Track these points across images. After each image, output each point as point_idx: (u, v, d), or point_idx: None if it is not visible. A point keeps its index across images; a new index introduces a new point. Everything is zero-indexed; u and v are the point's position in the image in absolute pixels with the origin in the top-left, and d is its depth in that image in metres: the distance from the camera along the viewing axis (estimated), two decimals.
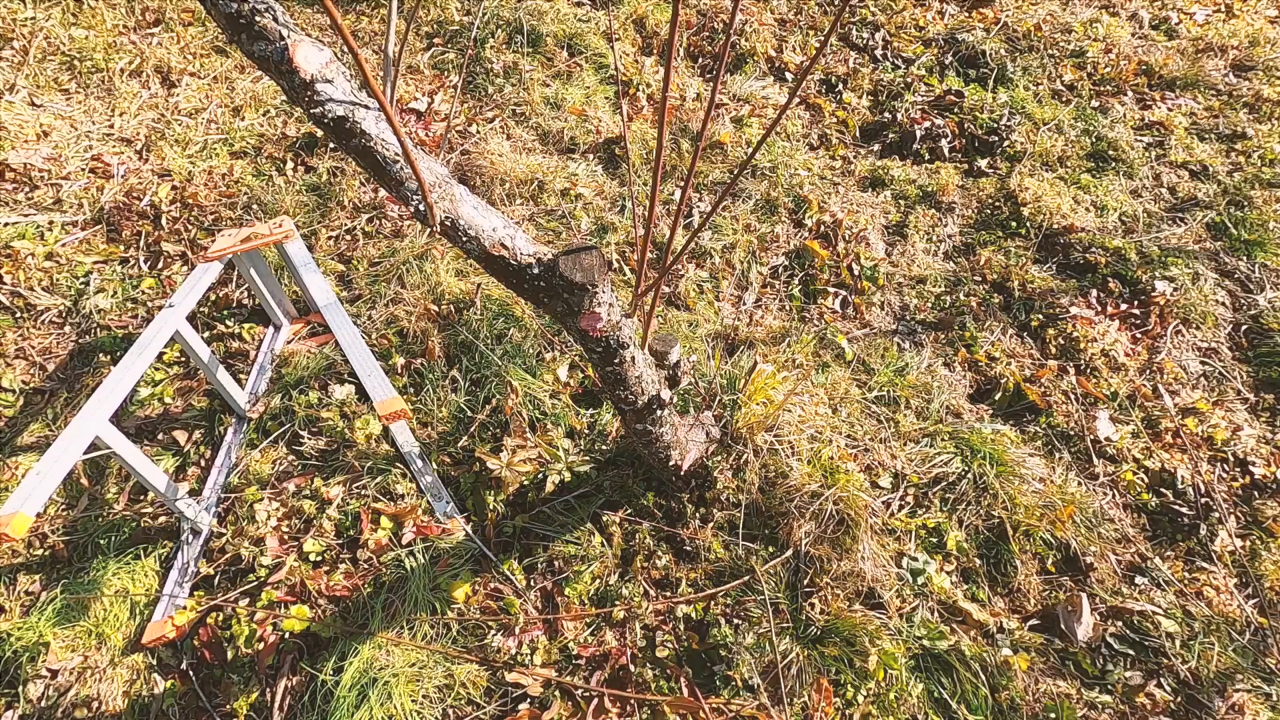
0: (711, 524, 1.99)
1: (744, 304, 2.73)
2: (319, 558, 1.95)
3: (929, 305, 2.77)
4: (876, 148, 3.44)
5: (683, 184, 1.82)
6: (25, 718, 1.76)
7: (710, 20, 3.93)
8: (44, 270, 2.64)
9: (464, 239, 1.21)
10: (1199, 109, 3.51)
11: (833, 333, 2.58)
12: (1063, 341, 2.56)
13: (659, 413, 1.67)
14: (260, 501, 2.05)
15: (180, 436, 2.30)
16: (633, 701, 1.70)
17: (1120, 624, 1.90)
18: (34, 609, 1.91)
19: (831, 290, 2.76)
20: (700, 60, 3.80)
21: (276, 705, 1.75)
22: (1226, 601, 1.93)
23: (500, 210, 1.66)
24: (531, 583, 1.94)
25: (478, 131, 3.24)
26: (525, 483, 2.07)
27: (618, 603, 1.86)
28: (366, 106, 1.03)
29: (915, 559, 1.94)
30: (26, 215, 2.78)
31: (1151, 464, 2.22)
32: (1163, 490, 2.18)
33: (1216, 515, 2.08)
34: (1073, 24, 3.99)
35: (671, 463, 1.85)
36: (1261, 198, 2.97)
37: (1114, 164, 3.24)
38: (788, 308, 2.73)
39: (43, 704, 1.78)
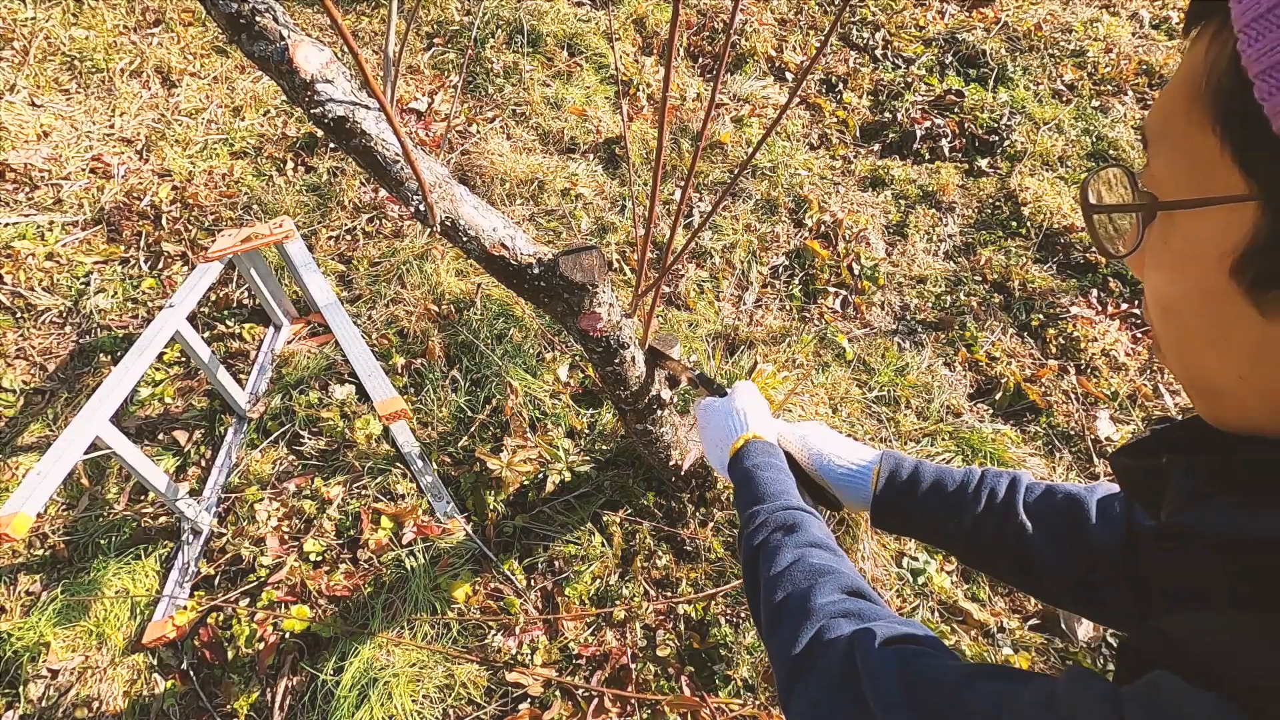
0: (712, 524, 1.99)
1: (744, 304, 2.72)
2: (319, 558, 1.95)
3: (929, 305, 2.76)
4: (876, 147, 3.43)
5: (683, 184, 1.82)
6: (26, 717, 1.76)
7: (710, 20, 3.92)
8: (44, 270, 2.65)
9: (464, 239, 1.21)
10: None
11: (833, 333, 2.58)
12: (1063, 341, 2.56)
13: (659, 413, 1.67)
14: (260, 501, 2.05)
15: (180, 436, 2.30)
16: (633, 701, 1.70)
17: None
18: (34, 609, 1.91)
19: (832, 290, 2.76)
20: (700, 60, 3.80)
21: (277, 705, 1.75)
22: None
23: (500, 210, 1.66)
24: (532, 583, 1.94)
25: (478, 131, 3.24)
26: (525, 483, 2.07)
27: (618, 602, 1.86)
28: (367, 106, 1.03)
29: (916, 559, 1.94)
30: (26, 215, 2.78)
31: None
32: None
33: None
34: (1073, 24, 3.99)
35: (672, 463, 1.85)
36: None
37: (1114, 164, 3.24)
38: (788, 308, 2.73)
39: (43, 704, 1.79)
